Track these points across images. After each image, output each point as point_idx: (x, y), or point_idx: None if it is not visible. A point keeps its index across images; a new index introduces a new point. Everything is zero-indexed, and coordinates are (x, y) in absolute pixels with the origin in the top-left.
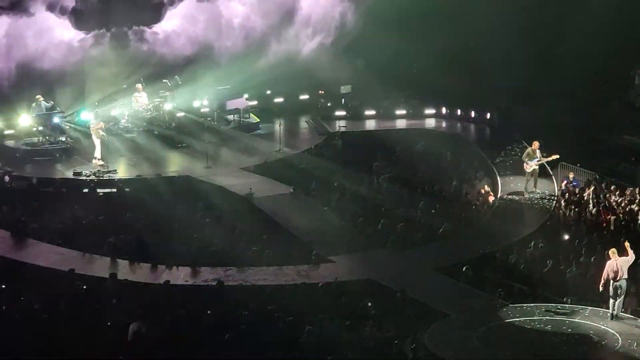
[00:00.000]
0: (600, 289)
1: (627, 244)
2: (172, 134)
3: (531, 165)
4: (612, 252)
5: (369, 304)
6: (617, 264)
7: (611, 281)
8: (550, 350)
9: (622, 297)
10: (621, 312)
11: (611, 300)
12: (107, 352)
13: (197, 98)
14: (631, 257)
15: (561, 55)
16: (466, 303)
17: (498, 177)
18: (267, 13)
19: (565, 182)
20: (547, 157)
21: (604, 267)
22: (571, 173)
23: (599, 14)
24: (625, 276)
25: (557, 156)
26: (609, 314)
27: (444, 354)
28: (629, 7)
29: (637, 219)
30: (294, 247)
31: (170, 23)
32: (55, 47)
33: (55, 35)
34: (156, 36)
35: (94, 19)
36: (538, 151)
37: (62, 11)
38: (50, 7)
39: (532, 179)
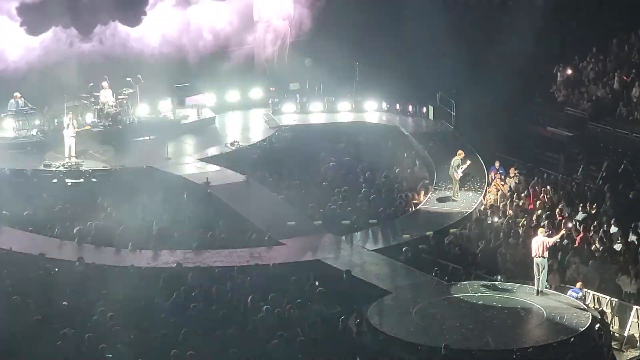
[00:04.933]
0: None
1: (563, 230)
2: (135, 128)
3: (459, 174)
4: (540, 230)
5: (317, 283)
6: (538, 241)
7: (534, 258)
8: (482, 323)
9: (543, 274)
10: (546, 288)
11: (535, 277)
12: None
13: (158, 95)
14: (553, 239)
15: (491, 55)
16: (405, 281)
17: (434, 166)
18: (232, 19)
19: (493, 171)
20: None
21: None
22: (497, 161)
23: (526, 17)
24: (543, 255)
25: (469, 162)
26: (534, 290)
27: (385, 327)
28: (552, 11)
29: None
30: (247, 231)
31: (145, 23)
32: (15, 48)
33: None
34: (128, 35)
35: (57, 17)
36: (461, 159)
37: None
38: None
39: (457, 185)
